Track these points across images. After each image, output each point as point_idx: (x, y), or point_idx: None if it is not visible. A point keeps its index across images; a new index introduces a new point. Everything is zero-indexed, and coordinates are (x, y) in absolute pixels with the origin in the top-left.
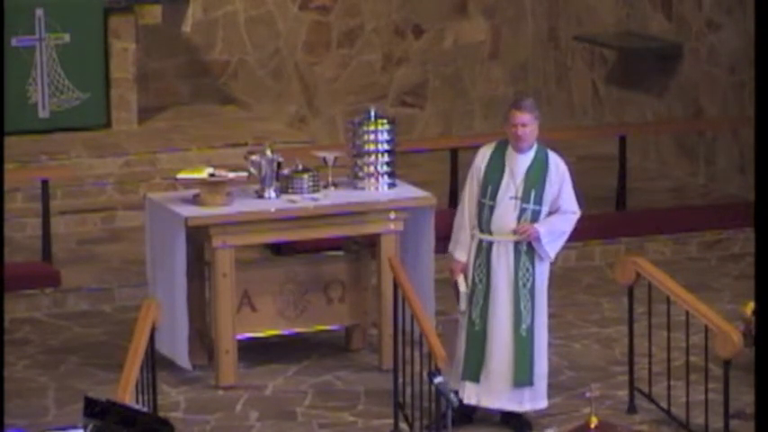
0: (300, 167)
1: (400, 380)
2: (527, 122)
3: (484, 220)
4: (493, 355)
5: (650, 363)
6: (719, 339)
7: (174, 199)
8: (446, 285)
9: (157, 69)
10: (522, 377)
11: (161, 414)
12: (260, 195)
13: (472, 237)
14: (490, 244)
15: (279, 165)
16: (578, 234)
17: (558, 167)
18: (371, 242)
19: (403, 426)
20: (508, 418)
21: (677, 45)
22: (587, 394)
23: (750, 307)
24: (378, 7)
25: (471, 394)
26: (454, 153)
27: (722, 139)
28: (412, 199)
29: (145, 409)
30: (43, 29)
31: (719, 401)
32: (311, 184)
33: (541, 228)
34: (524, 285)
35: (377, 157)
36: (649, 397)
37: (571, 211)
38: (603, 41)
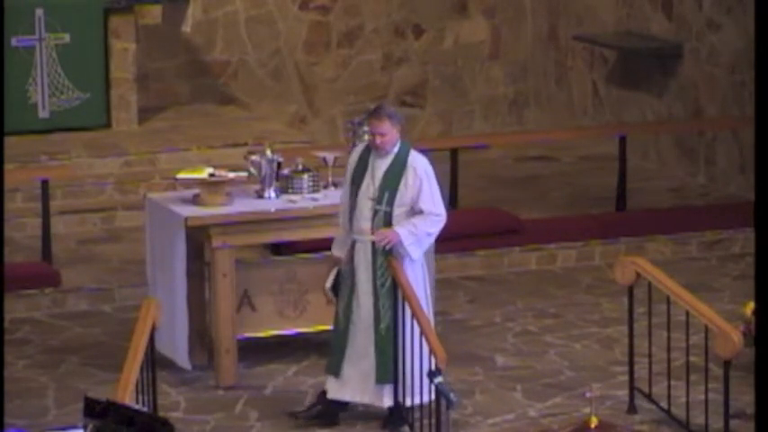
0: (300, 167)
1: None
2: (385, 132)
3: (350, 218)
4: (354, 352)
5: (650, 363)
6: (719, 339)
7: (174, 199)
8: (446, 285)
9: (157, 69)
10: (383, 375)
11: (161, 414)
12: (260, 195)
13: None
14: (354, 242)
15: (279, 165)
16: (578, 234)
17: (415, 171)
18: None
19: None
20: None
21: (677, 45)
22: (587, 394)
23: (750, 307)
24: (378, 7)
25: (334, 388)
26: (454, 153)
27: (722, 139)
28: None
29: (145, 409)
30: (43, 29)
31: (719, 401)
32: (311, 184)
33: (402, 230)
34: (383, 285)
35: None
36: (649, 397)
37: (434, 214)
38: (603, 41)
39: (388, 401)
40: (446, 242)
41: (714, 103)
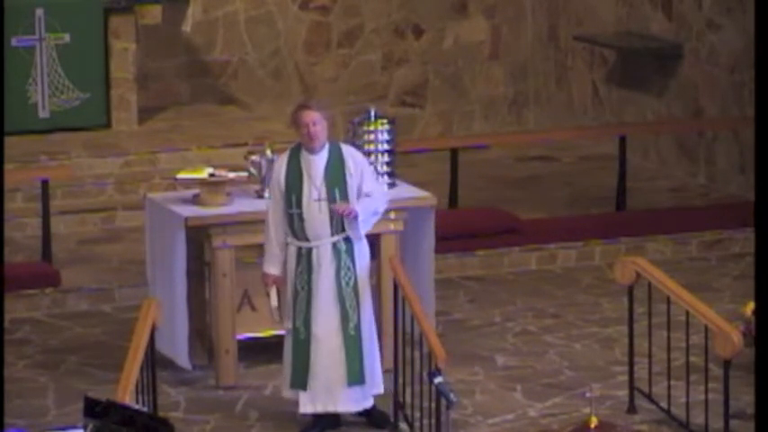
0: None
1: (400, 380)
2: (317, 121)
3: (297, 228)
4: (319, 361)
5: (650, 363)
6: (719, 339)
7: (174, 199)
8: (446, 285)
9: (157, 69)
10: (355, 377)
11: (161, 414)
12: (260, 195)
13: (286, 246)
14: (309, 250)
15: None
16: (578, 234)
17: (354, 160)
18: (371, 242)
19: (403, 426)
20: (368, 415)
21: (677, 45)
22: (587, 394)
23: (750, 307)
24: (378, 7)
25: (306, 402)
26: (454, 153)
27: (722, 139)
28: (412, 199)
29: (145, 409)
30: (43, 29)
31: (719, 401)
32: None
33: (359, 207)
34: (347, 284)
35: (377, 157)
36: (649, 397)
37: (380, 193)
38: (603, 41)
39: (362, 404)
40: (446, 242)
41: (714, 103)
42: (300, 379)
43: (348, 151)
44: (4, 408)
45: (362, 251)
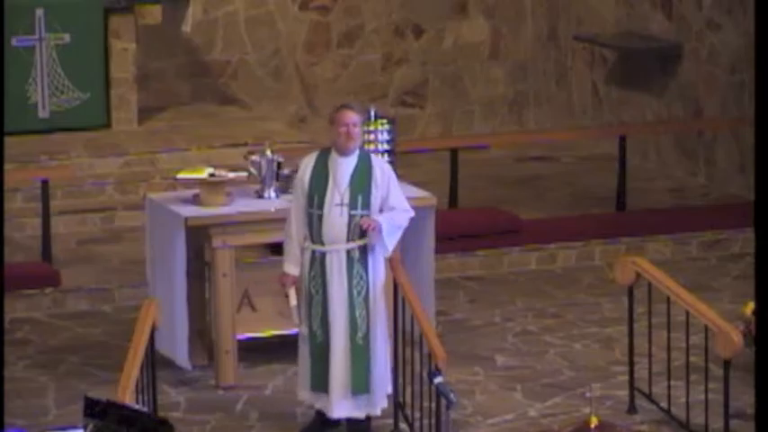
0: None
1: (400, 380)
2: (357, 122)
3: (314, 230)
4: (335, 365)
5: (650, 363)
6: (719, 339)
7: (174, 199)
8: (446, 285)
9: (157, 69)
10: (359, 386)
11: (161, 414)
12: (260, 195)
13: (304, 248)
14: (323, 254)
15: (279, 165)
16: (578, 234)
17: (382, 170)
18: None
19: (403, 426)
20: (352, 425)
21: (677, 45)
22: (587, 394)
23: (750, 307)
24: (378, 7)
25: (325, 403)
26: (454, 153)
27: (722, 139)
28: (412, 199)
29: (145, 409)
30: (43, 29)
31: (719, 401)
32: None
33: (381, 219)
34: (359, 294)
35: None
36: (649, 397)
37: (404, 209)
38: (603, 41)
39: (365, 410)
40: (446, 242)
41: (714, 103)
42: (322, 382)
43: (377, 162)
44: (4, 408)
45: (378, 265)
